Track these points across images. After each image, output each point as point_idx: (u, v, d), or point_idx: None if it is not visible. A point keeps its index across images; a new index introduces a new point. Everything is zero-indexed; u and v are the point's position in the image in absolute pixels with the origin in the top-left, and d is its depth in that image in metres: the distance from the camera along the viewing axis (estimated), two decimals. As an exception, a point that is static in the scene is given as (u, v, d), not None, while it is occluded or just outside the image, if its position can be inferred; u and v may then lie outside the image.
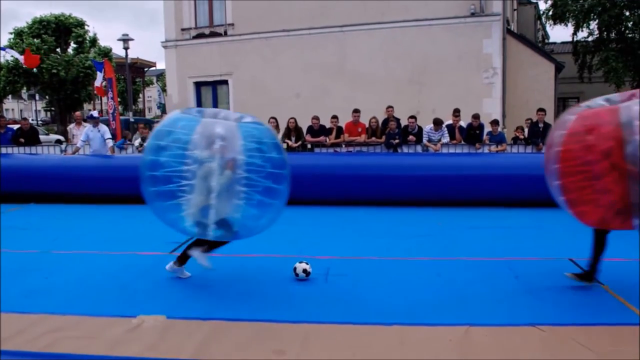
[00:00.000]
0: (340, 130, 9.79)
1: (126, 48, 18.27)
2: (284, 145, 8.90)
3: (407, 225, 6.50)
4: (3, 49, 14.65)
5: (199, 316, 3.50)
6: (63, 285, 4.20)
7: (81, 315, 3.51)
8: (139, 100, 40.05)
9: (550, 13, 21.06)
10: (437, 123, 9.37)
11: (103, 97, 18.81)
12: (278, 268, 4.54)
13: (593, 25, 20.36)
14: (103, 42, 39.72)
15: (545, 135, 7.98)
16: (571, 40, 21.76)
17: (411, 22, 13.88)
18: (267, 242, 5.08)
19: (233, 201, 3.85)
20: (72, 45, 29.40)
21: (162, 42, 16.25)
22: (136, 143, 10.36)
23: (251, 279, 4.36)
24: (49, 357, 2.98)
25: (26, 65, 13.79)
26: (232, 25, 15.52)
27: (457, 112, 9.70)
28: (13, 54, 16.15)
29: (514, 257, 4.88)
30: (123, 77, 27.31)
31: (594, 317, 3.47)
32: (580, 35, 20.95)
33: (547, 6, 21.16)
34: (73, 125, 11.66)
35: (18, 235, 6.01)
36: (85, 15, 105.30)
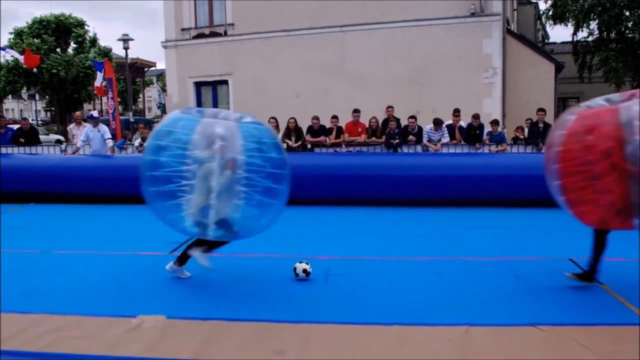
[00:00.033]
0: (340, 130, 9.79)
1: (126, 48, 18.28)
2: (284, 145, 8.90)
3: (407, 225, 6.50)
4: (3, 49, 14.65)
5: (199, 316, 3.50)
6: (63, 285, 4.20)
7: (81, 315, 3.51)
8: (139, 100, 40.06)
9: (550, 13, 21.06)
10: (437, 123, 9.38)
11: (103, 97, 18.81)
12: (278, 268, 4.54)
13: (593, 25, 20.38)
14: (103, 42, 39.83)
15: (545, 135, 7.98)
16: (571, 40, 21.77)
17: (411, 22, 13.88)
18: (267, 242, 5.08)
19: (233, 201, 3.85)
20: (72, 45, 29.40)
21: (162, 42, 16.25)
22: (136, 143, 10.36)
23: (251, 279, 4.36)
24: (49, 357, 2.98)
25: (26, 65, 13.79)
26: (232, 25, 15.52)
27: (457, 112, 9.71)
28: (13, 54, 16.15)
29: (514, 257, 4.88)
30: (123, 77, 27.32)
31: (594, 317, 3.47)
32: (580, 35, 21.00)
33: (547, 6, 21.19)
34: (73, 125, 11.66)
35: (18, 235, 6.01)
36: (85, 15, 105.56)
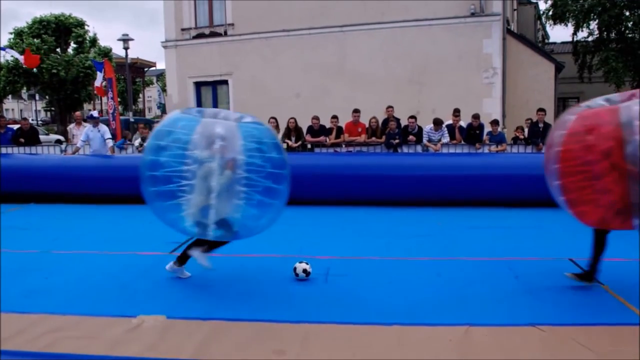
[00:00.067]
0: (340, 130, 9.78)
1: (126, 48, 18.28)
2: (284, 145, 8.90)
3: (407, 225, 6.50)
4: (3, 49, 14.65)
5: (199, 316, 3.50)
6: (63, 285, 4.20)
7: (81, 315, 3.51)
8: (139, 100, 40.06)
9: (550, 13, 21.06)
10: (437, 123, 9.37)
11: (103, 97, 18.81)
12: (278, 268, 4.54)
13: (593, 25, 20.37)
14: (103, 42, 39.82)
15: (545, 135, 7.97)
16: (571, 40, 21.77)
17: (411, 22, 13.87)
18: (267, 242, 5.08)
19: (233, 201, 3.85)
20: (72, 45, 29.41)
21: (162, 42, 16.25)
22: (136, 143, 10.36)
23: (251, 279, 4.36)
24: (49, 357, 2.98)
25: (26, 65, 13.79)
26: (232, 25, 15.52)
27: (457, 112, 9.71)
28: (13, 54, 16.15)
29: (514, 257, 4.88)
30: (123, 77, 27.31)
31: (594, 317, 3.47)
32: (580, 35, 21.00)
33: (547, 6, 21.19)
34: (73, 125, 11.66)
35: (18, 235, 6.01)
36: (85, 15, 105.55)
